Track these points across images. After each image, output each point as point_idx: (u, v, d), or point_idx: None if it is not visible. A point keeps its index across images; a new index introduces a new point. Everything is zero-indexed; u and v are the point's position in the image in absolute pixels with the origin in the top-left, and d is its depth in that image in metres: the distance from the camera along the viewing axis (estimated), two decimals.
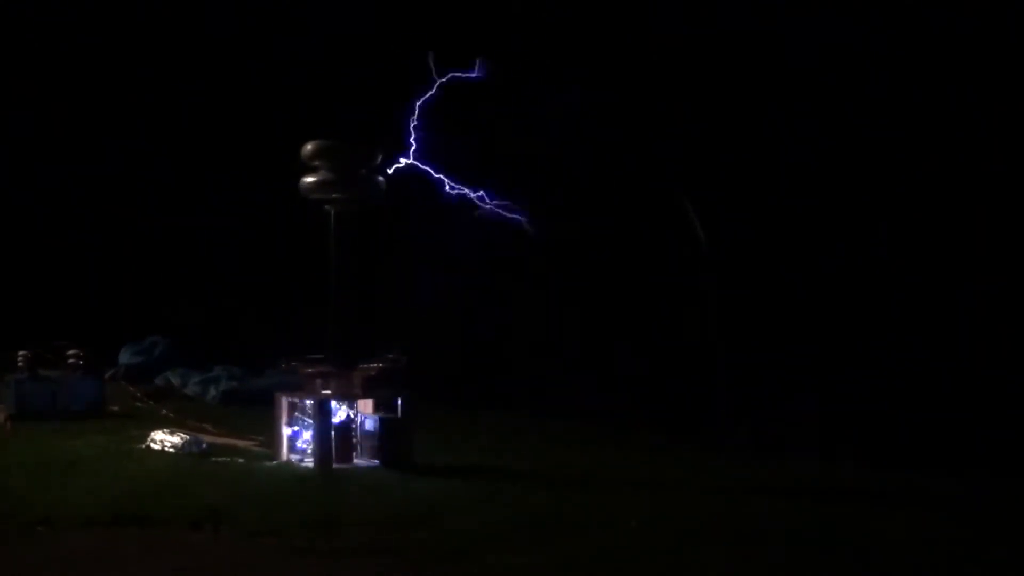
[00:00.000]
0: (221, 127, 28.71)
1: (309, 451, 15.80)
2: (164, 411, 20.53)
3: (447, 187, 16.64)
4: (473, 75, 16.19)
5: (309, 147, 16.24)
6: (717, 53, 23.37)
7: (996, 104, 22.08)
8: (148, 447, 16.82)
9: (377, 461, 15.91)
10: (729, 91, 23.58)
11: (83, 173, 29.88)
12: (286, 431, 16.11)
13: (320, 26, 27.28)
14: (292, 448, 16.11)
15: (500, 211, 16.56)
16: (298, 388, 16.53)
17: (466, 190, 16.64)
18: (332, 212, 16.44)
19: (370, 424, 16.12)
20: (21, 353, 20.56)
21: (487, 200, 16.65)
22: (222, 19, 28.54)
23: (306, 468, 15.60)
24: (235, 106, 28.52)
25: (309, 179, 16.31)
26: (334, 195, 16.35)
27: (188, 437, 16.81)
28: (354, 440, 16.08)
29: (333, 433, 15.68)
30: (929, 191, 22.91)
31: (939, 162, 22.56)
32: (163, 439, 16.83)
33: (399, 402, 16.11)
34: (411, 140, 16.48)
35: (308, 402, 15.88)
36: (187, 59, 29.12)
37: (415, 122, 16.42)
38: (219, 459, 16.16)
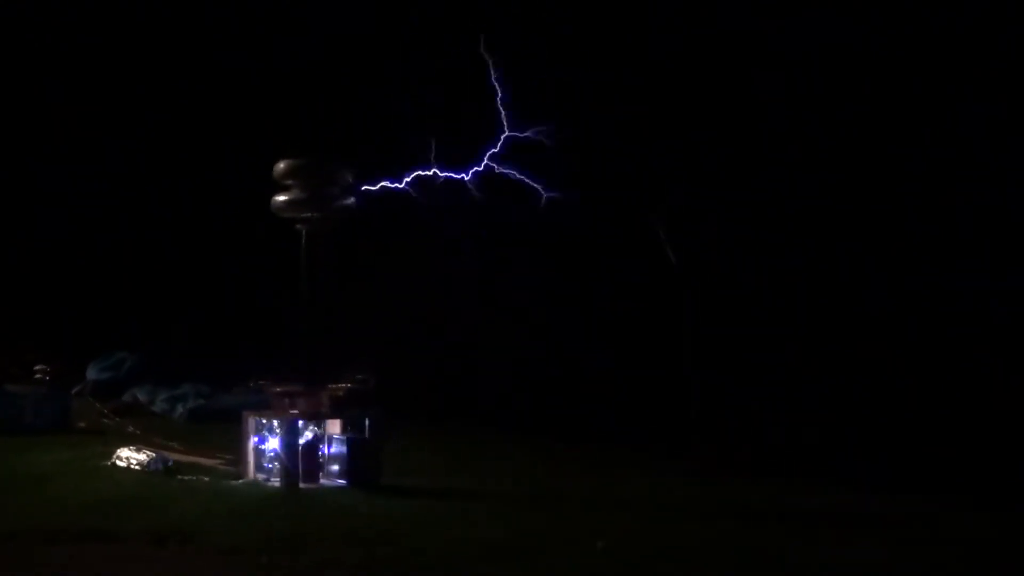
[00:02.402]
0: (193, 145, 28.71)
1: (276, 470, 15.82)
2: (131, 428, 20.48)
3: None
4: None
5: (281, 166, 16.29)
6: (691, 77, 23.61)
7: (951, 113, 22.51)
8: (114, 463, 16.77)
9: (344, 481, 15.93)
10: (701, 113, 23.78)
11: (52, 190, 29.78)
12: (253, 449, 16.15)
13: (304, 48, 27.38)
14: (259, 467, 16.12)
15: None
16: (266, 407, 16.55)
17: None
18: (303, 230, 16.50)
19: (337, 444, 16.13)
20: None
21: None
22: (200, 41, 28.59)
23: (272, 487, 15.61)
24: (209, 124, 28.52)
25: (281, 198, 16.36)
26: (305, 214, 16.40)
27: (154, 454, 16.77)
28: (321, 460, 16.11)
29: (300, 452, 15.72)
30: (898, 215, 23.19)
31: (910, 188, 22.86)
32: (129, 456, 16.78)
33: (367, 422, 16.13)
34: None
35: (275, 422, 15.92)
36: (164, 77, 29.13)
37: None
38: (185, 477, 16.14)
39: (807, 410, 22.04)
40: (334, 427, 16.20)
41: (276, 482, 15.65)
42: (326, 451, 16.13)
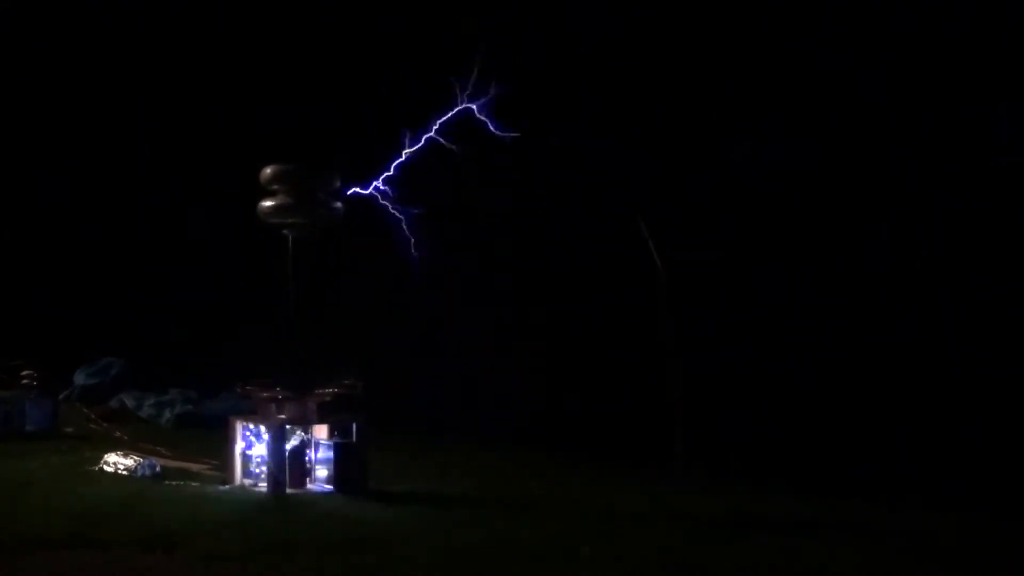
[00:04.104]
0: (179, 149, 28.71)
1: (262, 475, 15.82)
2: (118, 433, 20.45)
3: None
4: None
5: (268, 171, 16.28)
6: (671, 85, 23.73)
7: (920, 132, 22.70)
8: (102, 469, 16.77)
9: (331, 487, 15.93)
10: (687, 121, 23.88)
11: (37, 196, 29.76)
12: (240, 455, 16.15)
13: (285, 54, 27.39)
14: (246, 472, 16.12)
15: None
16: (253, 412, 16.55)
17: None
18: (290, 236, 16.49)
19: (324, 449, 16.12)
20: None
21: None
22: (190, 45, 28.59)
23: (259, 492, 15.60)
24: (194, 129, 28.52)
25: (267, 203, 16.35)
26: (292, 219, 16.39)
27: (142, 460, 16.77)
28: (308, 465, 16.11)
29: (287, 458, 15.72)
30: (885, 225, 23.31)
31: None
32: (117, 461, 16.79)
33: (354, 428, 16.13)
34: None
35: (262, 427, 15.92)
36: (146, 86, 29.12)
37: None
38: (173, 482, 16.14)
39: (795, 419, 22.11)
40: (321, 432, 16.20)
41: (263, 488, 15.65)
42: (313, 457, 16.13)
